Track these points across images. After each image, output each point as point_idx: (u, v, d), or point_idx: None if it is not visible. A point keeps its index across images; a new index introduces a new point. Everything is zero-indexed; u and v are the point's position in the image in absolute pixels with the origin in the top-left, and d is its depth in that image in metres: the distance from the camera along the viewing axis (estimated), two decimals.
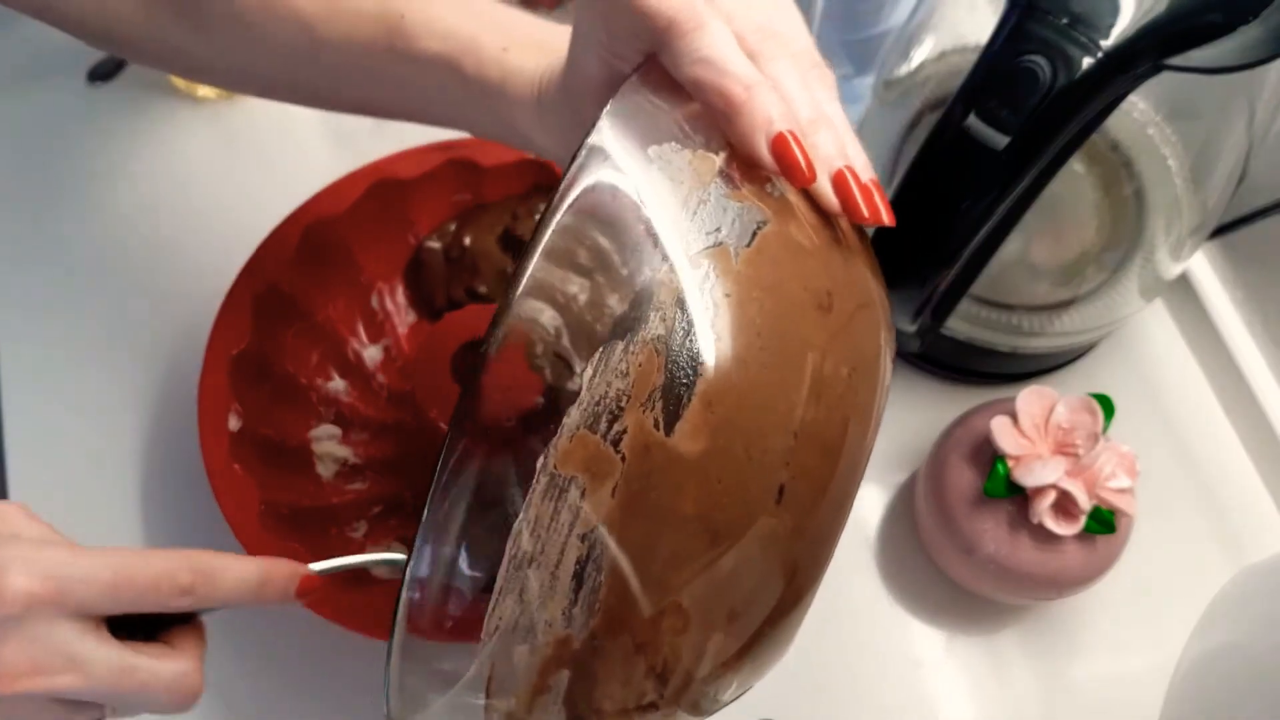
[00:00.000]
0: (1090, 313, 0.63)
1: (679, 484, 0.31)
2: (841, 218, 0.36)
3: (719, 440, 0.31)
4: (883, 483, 0.68)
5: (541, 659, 0.32)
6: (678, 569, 0.31)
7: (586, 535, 0.30)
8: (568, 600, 0.31)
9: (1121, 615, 0.64)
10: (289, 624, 0.61)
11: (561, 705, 0.33)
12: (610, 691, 0.33)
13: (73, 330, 0.70)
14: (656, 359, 0.30)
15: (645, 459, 0.30)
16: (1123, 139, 0.64)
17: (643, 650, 0.32)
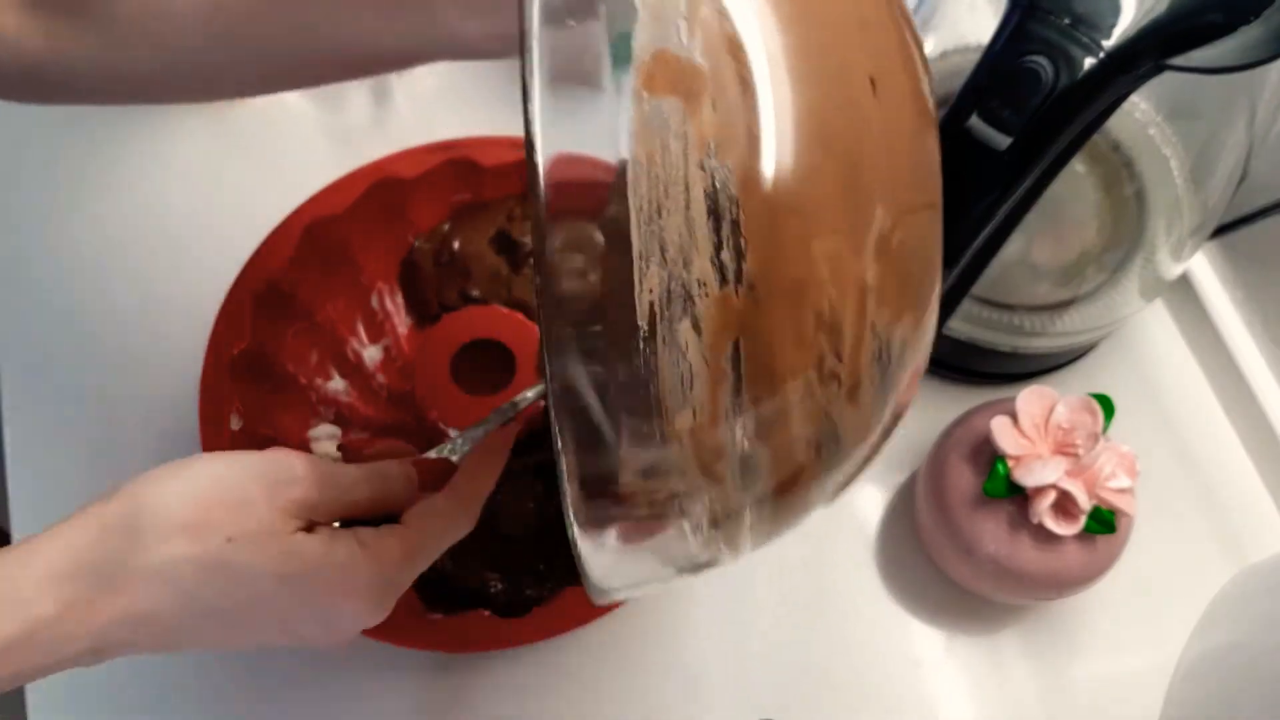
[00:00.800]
0: (1091, 313, 0.63)
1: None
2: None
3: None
4: (883, 482, 0.68)
5: (709, 333, 0.28)
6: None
7: (704, 161, 0.27)
8: (712, 245, 0.27)
9: (1121, 615, 0.64)
10: None
11: (745, 398, 0.29)
12: (787, 360, 0.29)
13: (72, 330, 0.70)
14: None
15: (736, 57, 0.28)
16: (1124, 139, 0.64)
17: (805, 291, 0.29)
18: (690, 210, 0.27)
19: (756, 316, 0.28)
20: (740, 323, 0.28)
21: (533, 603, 0.58)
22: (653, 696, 0.61)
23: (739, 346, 0.28)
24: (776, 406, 0.30)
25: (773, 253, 0.28)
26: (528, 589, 0.59)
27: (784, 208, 0.28)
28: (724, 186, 0.27)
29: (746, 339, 0.28)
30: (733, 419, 0.29)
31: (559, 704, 0.60)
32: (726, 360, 0.28)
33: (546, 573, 0.60)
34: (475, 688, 0.60)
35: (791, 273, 0.28)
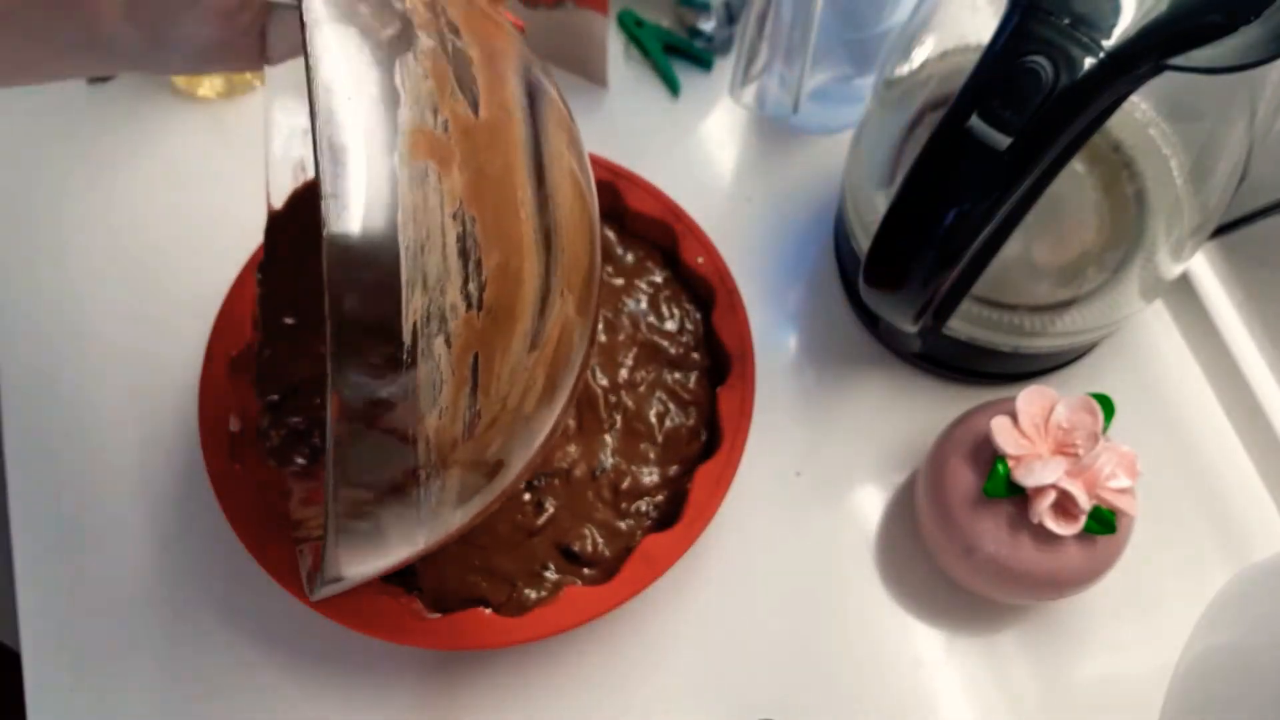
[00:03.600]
0: (1091, 313, 0.63)
1: (500, 150, 0.37)
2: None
3: (501, 106, 0.38)
4: (883, 482, 0.68)
5: (457, 347, 0.36)
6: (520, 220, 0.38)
7: (456, 213, 0.35)
8: (461, 278, 0.35)
9: (1122, 615, 0.64)
10: (292, 622, 0.61)
11: (474, 395, 0.37)
12: (504, 365, 0.38)
13: (72, 330, 0.70)
14: (442, 58, 0.37)
15: (470, 138, 0.36)
16: (1124, 139, 0.64)
17: (516, 315, 0.38)
18: (446, 250, 0.35)
19: (492, 334, 0.37)
20: (480, 339, 0.36)
21: (532, 602, 0.59)
22: (652, 695, 0.61)
23: (477, 357, 0.36)
24: (494, 405, 0.38)
25: (501, 286, 0.37)
26: (527, 589, 0.59)
27: (511, 245, 0.37)
28: (471, 235, 0.35)
29: (483, 351, 0.36)
30: (467, 416, 0.37)
31: (558, 703, 0.61)
32: (468, 368, 0.36)
33: (545, 573, 0.60)
34: (476, 686, 0.61)
35: (509, 301, 0.37)
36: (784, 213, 0.77)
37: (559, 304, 0.39)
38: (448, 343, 0.35)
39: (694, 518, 0.59)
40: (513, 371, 0.38)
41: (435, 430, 0.36)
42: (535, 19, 0.77)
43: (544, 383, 0.40)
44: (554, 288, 0.39)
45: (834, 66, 0.74)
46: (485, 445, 0.39)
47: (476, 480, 0.40)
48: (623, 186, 0.69)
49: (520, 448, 0.41)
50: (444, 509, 0.39)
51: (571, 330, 0.41)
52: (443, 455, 0.37)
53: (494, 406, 0.38)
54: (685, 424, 0.64)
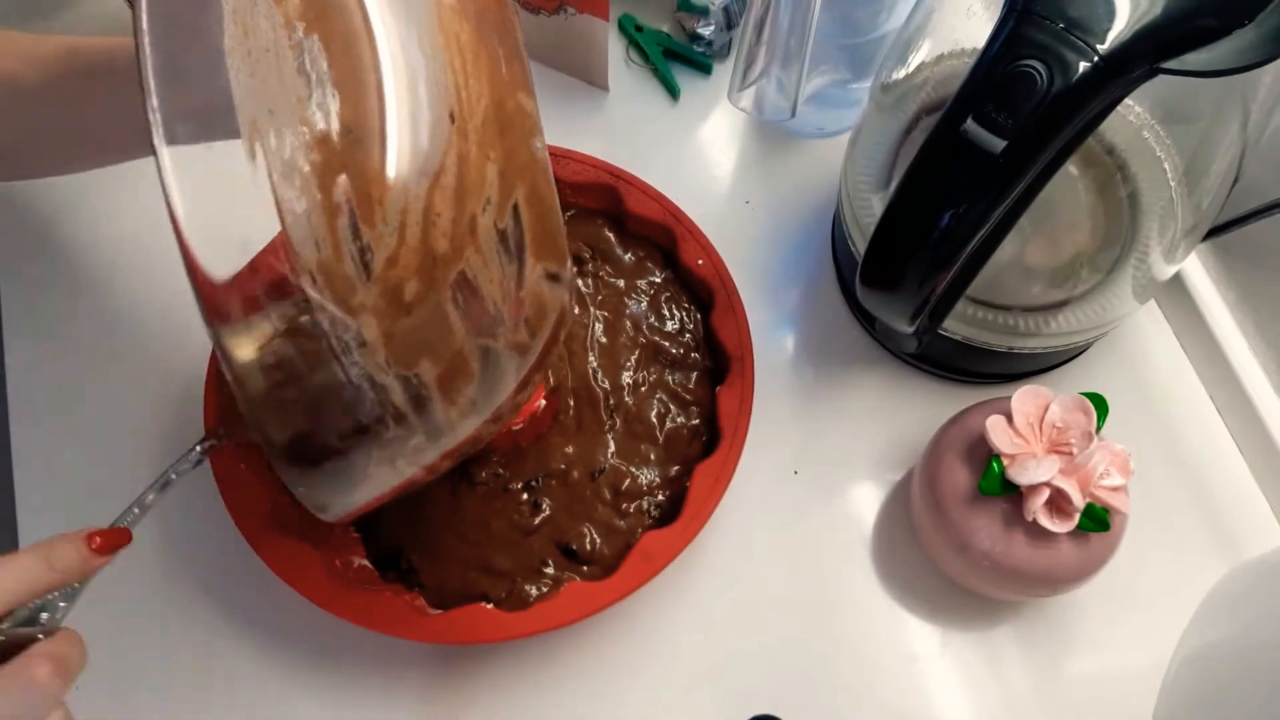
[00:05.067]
0: (1085, 314, 0.64)
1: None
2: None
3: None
4: (879, 480, 0.68)
5: (316, 164, 0.34)
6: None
7: (292, 33, 0.34)
8: (306, 94, 0.34)
9: (1115, 612, 0.64)
10: (294, 622, 0.61)
11: (354, 226, 0.35)
12: (382, 191, 0.35)
13: (77, 334, 0.70)
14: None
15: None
16: (1119, 142, 0.64)
17: (388, 136, 0.35)
18: (284, 72, 0.34)
19: (355, 155, 0.34)
20: (341, 160, 0.34)
21: (533, 598, 0.59)
22: (650, 689, 0.61)
23: (345, 183, 0.34)
24: (388, 238, 0.35)
25: (360, 102, 0.34)
26: (527, 585, 0.60)
27: (364, 66, 0.35)
28: (312, 51, 0.34)
29: (350, 173, 0.34)
30: (354, 250, 0.35)
31: (559, 695, 0.61)
32: (338, 192, 0.34)
33: (545, 570, 0.60)
34: (478, 680, 0.61)
35: (371, 119, 0.35)
36: (782, 215, 0.77)
37: (449, 133, 0.36)
38: (305, 164, 0.34)
39: (693, 515, 0.59)
40: (400, 200, 0.35)
41: (319, 265, 0.34)
42: (536, 24, 0.78)
43: (452, 216, 0.37)
44: (434, 113, 0.36)
45: (831, 71, 0.75)
46: (396, 288, 0.36)
47: (413, 333, 0.37)
48: (623, 189, 0.69)
49: (462, 299, 0.38)
50: (386, 372, 0.37)
51: (471, 164, 0.37)
52: (341, 297, 0.35)
53: (388, 240, 0.35)
54: (687, 424, 0.65)
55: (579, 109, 0.81)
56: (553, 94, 0.81)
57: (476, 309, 0.38)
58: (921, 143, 0.49)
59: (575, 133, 0.79)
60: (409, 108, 0.36)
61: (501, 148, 0.38)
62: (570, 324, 0.45)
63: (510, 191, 0.39)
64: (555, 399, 0.63)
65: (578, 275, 0.69)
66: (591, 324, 0.67)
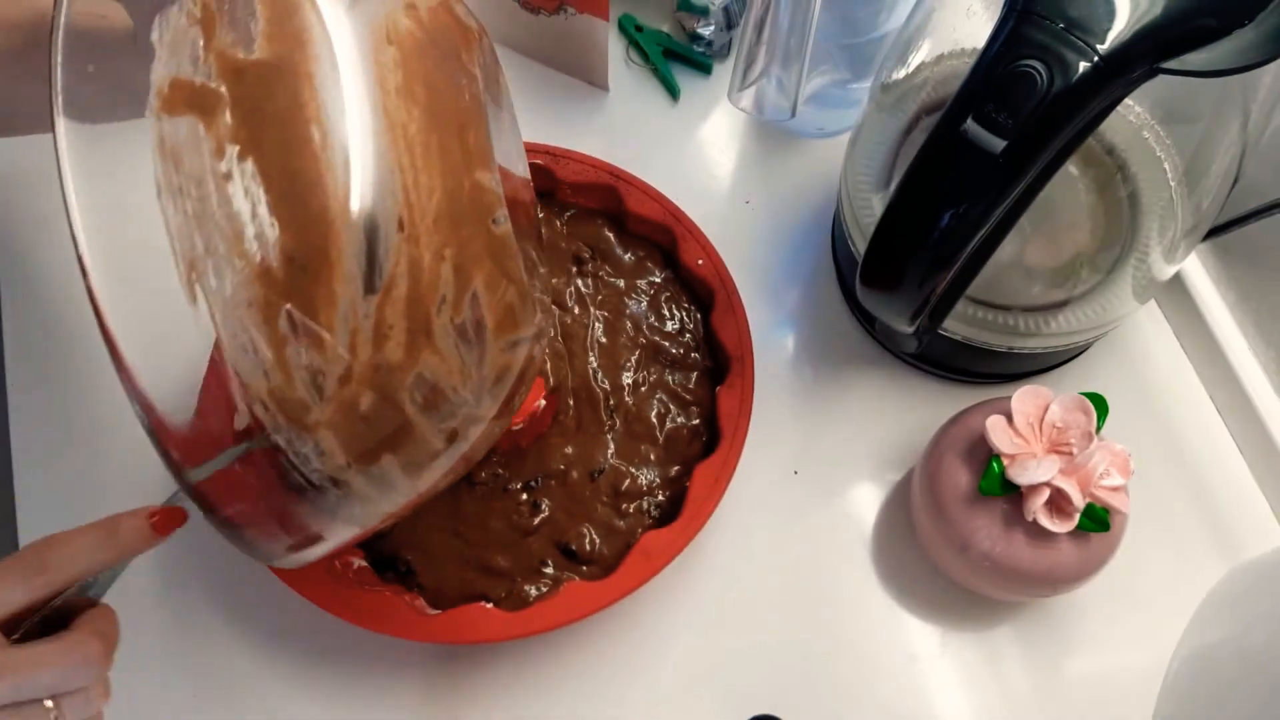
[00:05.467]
0: (1085, 314, 0.64)
1: (285, 84, 0.34)
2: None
3: (292, 38, 0.34)
4: (879, 480, 0.68)
5: (258, 301, 0.33)
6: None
7: (226, 161, 0.33)
8: (246, 227, 0.33)
9: (1115, 612, 0.64)
10: (294, 622, 0.61)
11: (309, 350, 0.34)
12: (332, 315, 0.34)
13: (75, 333, 0.70)
14: (211, 4, 0.34)
15: (241, 79, 0.33)
16: (1119, 142, 0.64)
17: (332, 259, 0.34)
18: (218, 200, 0.33)
19: (300, 285, 0.33)
20: (286, 291, 0.33)
21: (533, 598, 0.59)
22: (651, 688, 0.61)
23: (290, 313, 0.33)
24: (339, 358, 0.35)
25: (302, 230, 0.33)
26: (527, 585, 0.60)
27: (305, 186, 0.34)
28: (250, 180, 0.33)
29: (297, 304, 0.33)
30: (304, 373, 0.34)
31: (559, 695, 0.61)
32: (282, 324, 0.33)
33: (545, 569, 0.60)
34: (479, 679, 0.61)
35: (318, 246, 0.34)
36: (782, 215, 0.77)
37: (398, 242, 0.35)
38: (248, 301, 0.33)
39: (693, 514, 0.59)
40: (348, 320, 0.34)
41: (269, 393, 0.34)
42: (537, 24, 0.78)
43: (406, 326, 0.36)
44: (383, 225, 0.35)
45: (831, 71, 0.75)
46: (351, 402, 0.35)
47: (371, 436, 0.37)
48: (623, 189, 0.69)
49: (421, 398, 0.37)
50: (345, 473, 0.37)
51: (424, 269, 0.36)
52: (295, 418, 0.35)
53: (339, 359, 0.35)
54: (687, 424, 0.65)
55: (579, 109, 0.81)
56: (553, 94, 0.81)
57: (437, 400, 0.38)
58: (921, 143, 0.49)
59: (575, 133, 0.79)
60: (353, 226, 0.35)
61: (456, 241, 0.37)
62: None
63: (467, 284, 0.38)
64: (555, 399, 0.63)
65: (578, 275, 0.69)
66: (591, 324, 0.67)
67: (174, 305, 0.35)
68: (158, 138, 0.33)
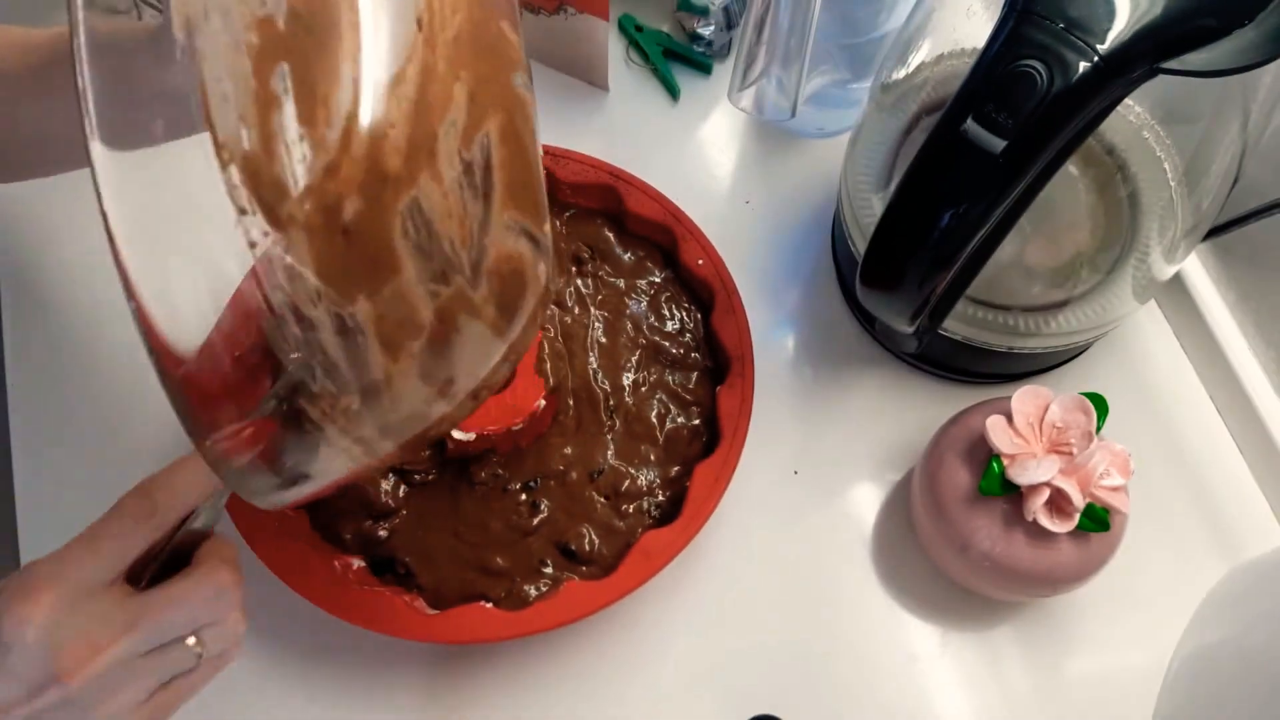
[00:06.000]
0: (1085, 314, 0.64)
1: None
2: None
3: None
4: (879, 480, 0.68)
5: (254, 46, 0.30)
6: None
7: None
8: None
9: (1115, 612, 0.64)
10: (294, 622, 0.61)
11: (295, 122, 0.30)
12: (330, 88, 0.31)
13: (76, 333, 0.70)
14: None
15: None
16: (1119, 142, 0.64)
17: (343, 33, 0.31)
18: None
19: (303, 46, 0.30)
20: (286, 48, 0.30)
21: (532, 598, 0.59)
22: (650, 688, 0.61)
23: (288, 71, 0.30)
24: (331, 143, 0.30)
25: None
26: (526, 585, 0.60)
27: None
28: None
29: (293, 65, 0.30)
30: (286, 149, 0.30)
31: (559, 695, 0.61)
32: (277, 81, 0.30)
33: (544, 569, 0.60)
34: (479, 679, 0.61)
35: (327, 12, 0.31)
36: (782, 215, 0.77)
37: (415, 39, 0.32)
38: (238, 46, 0.30)
39: (693, 514, 0.59)
40: (348, 100, 0.31)
41: (244, 159, 0.30)
42: (537, 24, 0.78)
43: (408, 133, 0.32)
44: (399, 10, 0.32)
45: (831, 71, 0.75)
46: (334, 203, 0.31)
47: (350, 260, 0.32)
48: (623, 189, 0.69)
49: (414, 231, 0.33)
50: (315, 308, 0.32)
51: (436, 78, 0.33)
52: (268, 204, 0.30)
53: (328, 143, 0.31)
54: (687, 424, 0.65)
55: (579, 109, 0.81)
56: (553, 94, 0.81)
57: (430, 247, 0.33)
58: (921, 143, 0.49)
59: (575, 133, 0.79)
60: (368, 8, 0.31)
61: (474, 70, 0.33)
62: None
63: (480, 120, 0.34)
64: (555, 399, 0.63)
65: (578, 275, 0.69)
66: (591, 324, 0.67)
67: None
68: None
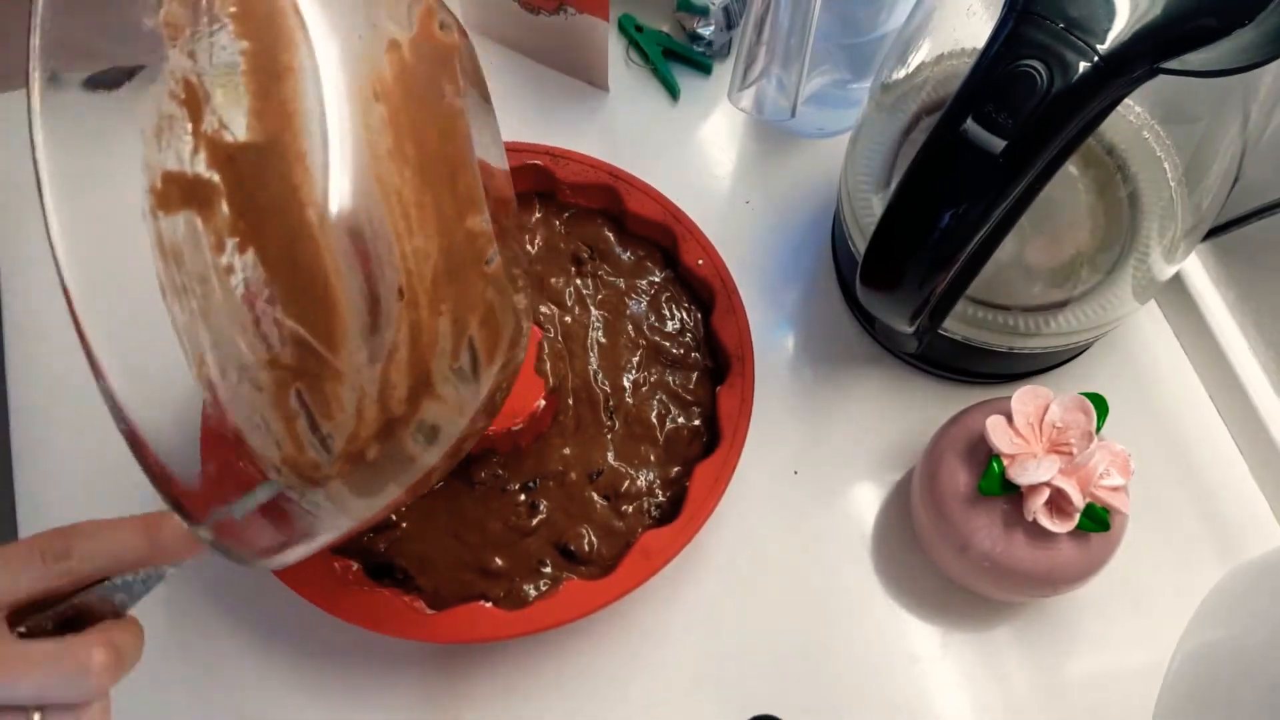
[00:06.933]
0: (1085, 314, 0.64)
1: (276, 167, 0.33)
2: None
3: (279, 113, 0.33)
4: (879, 480, 0.68)
5: (270, 386, 0.34)
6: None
7: (227, 255, 0.33)
8: (252, 319, 0.33)
9: (1115, 612, 0.64)
10: (294, 622, 0.61)
11: (313, 422, 0.35)
12: (339, 388, 0.35)
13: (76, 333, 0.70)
14: (194, 75, 0.33)
15: (235, 165, 0.33)
16: (1118, 142, 0.64)
17: (339, 342, 0.35)
18: (223, 295, 0.33)
19: (308, 366, 0.34)
20: (295, 375, 0.34)
21: (532, 597, 0.59)
22: (650, 689, 0.61)
23: (300, 392, 0.34)
24: (347, 422, 0.36)
25: (308, 315, 0.34)
26: (525, 584, 0.60)
27: (306, 273, 0.34)
28: (252, 272, 0.32)
29: (305, 385, 0.34)
30: (315, 441, 0.35)
31: (559, 695, 0.61)
32: (293, 402, 0.34)
33: (543, 569, 0.60)
34: (478, 679, 0.61)
35: (323, 328, 0.34)
36: (782, 215, 0.77)
37: (399, 310, 0.36)
38: (256, 388, 0.34)
39: (693, 514, 0.59)
40: (355, 389, 0.35)
41: (283, 460, 0.35)
42: (537, 24, 0.78)
43: (409, 384, 0.37)
44: (384, 297, 0.35)
45: (831, 71, 0.75)
46: (358, 454, 0.36)
47: (378, 476, 0.38)
48: (623, 189, 0.69)
49: (423, 437, 0.38)
50: (351, 501, 0.38)
51: (423, 329, 0.37)
52: (307, 476, 0.36)
53: (347, 424, 0.36)
54: (687, 424, 0.65)
55: (579, 109, 0.81)
56: (553, 94, 0.81)
57: (437, 434, 0.39)
58: (921, 143, 0.49)
59: (575, 133, 0.79)
60: (357, 306, 0.35)
61: (452, 295, 0.37)
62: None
63: (464, 331, 0.38)
64: (555, 399, 0.63)
65: (577, 275, 0.69)
66: (591, 324, 0.67)
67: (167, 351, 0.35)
68: (156, 236, 0.33)
